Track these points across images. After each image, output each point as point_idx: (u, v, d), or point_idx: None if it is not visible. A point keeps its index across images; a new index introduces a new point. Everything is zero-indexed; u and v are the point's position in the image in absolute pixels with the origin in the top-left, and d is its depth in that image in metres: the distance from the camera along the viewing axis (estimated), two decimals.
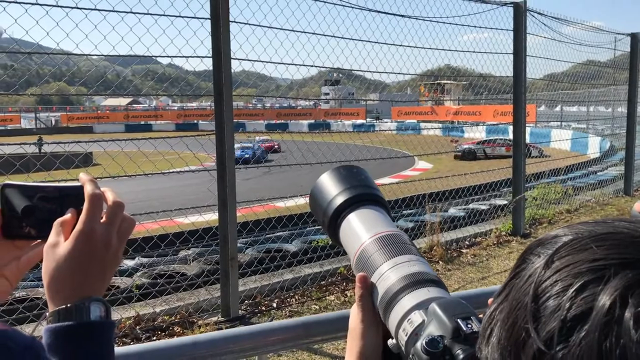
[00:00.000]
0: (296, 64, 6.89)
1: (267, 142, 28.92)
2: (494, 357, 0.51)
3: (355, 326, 0.86)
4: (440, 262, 7.69)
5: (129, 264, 7.67)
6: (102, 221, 0.83)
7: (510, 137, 9.49)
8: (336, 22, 7.41)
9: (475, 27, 8.88)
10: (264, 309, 6.09)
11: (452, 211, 10.65)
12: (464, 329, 0.69)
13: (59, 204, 0.85)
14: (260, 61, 6.43)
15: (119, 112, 75.91)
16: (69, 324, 0.76)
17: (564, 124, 27.22)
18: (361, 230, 0.91)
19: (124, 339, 5.23)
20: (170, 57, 6.03)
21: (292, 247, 8.23)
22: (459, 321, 0.70)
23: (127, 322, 5.50)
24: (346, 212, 0.94)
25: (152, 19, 5.59)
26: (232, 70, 5.55)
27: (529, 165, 10.20)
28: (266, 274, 6.85)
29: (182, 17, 5.68)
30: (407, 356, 0.74)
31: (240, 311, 5.79)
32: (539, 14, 9.69)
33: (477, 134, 32.26)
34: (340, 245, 0.96)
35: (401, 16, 7.95)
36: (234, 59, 5.55)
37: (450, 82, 38.09)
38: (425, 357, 0.68)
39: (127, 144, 6.44)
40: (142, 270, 7.36)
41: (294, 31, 6.73)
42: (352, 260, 0.91)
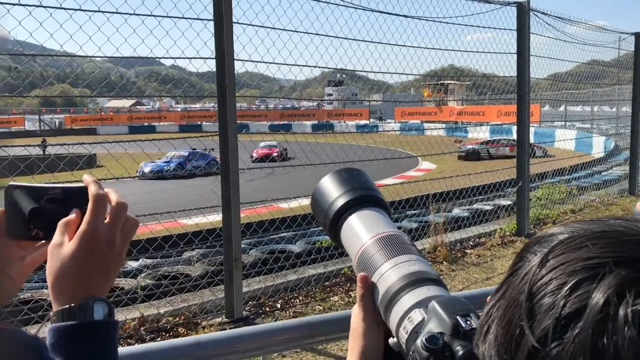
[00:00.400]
0: (299, 65, 6.90)
1: (270, 147, 28.56)
2: (491, 353, 0.52)
3: (356, 326, 0.87)
4: (444, 263, 7.67)
5: (133, 265, 7.68)
6: (106, 221, 0.83)
7: (514, 137, 9.47)
8: (339, 22, 7.40)
9: (478, 27, 8.87)
10: (268, 309, 6.09)
11: (456, 211, 10.63)
12: (463, 325, 0.70)
13: (63, 204, 0.85)
14: (263, 62, 6.44)
15: (122, 114, 76.04)
16: (73, 323, 0.77)
17: (568, 123, 27.16)
18: (362, 231, 0.92)
19: (129, 340, 5.23)
20: (173, 58, 6.05)
21: (295, 247, 8.23)
22: (459, 318, 0.71)
23: (132, 323, 5.51)
24: (347, 213, 0.95)
25: (155, 20, 5.61)
26: (235, 71, 5.56)
27: (533, 165, 10.18)
28: (270, 275, 6.85)
29: (185, 18, 5.70)
30: (408, 354, 0.74)
31: (244, 312, 5.79)
32: (543, 13, 9.67)
33: (481, 134, 32.22)
34: (341, 246, 0.97)
35: (404, 16, 7.96)
36: (237, 60, 5.56)
37: (453, 82, 38.07)
38: (425, 353, 0.69)
39: (130, 145, 6.45)
40: (146, 271, 7.37)
41: (296, 32, 6.74)
42: (354, 261, 0.92)
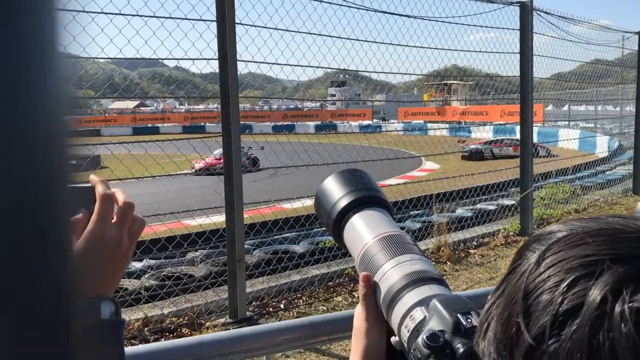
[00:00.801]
0: (302, 65, 6.91)
1: (219, 157, 27.40)
2: (490, 350, 0.52)
3: (359, 325, 0.88)
4: (448, 263, 7.67)
5: (137, 265, 7.69)
6: (113, 221, 0.84)
7: (517, 137, 9.45)
8: (342, 23, 7.41)
9: (481, 26, 8.87)
10: (271, 310, 6.10)
11: (460, 211, 10.61)
12: (464, 323, 0.70)
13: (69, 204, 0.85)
14: (266, 63, 6.45)
15: (126, 115, 76.15)
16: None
17: (571, 123, 27.09)
18: (364, 231, 0.92)
19: (132, 341, 5.24)
20: (176, 59, 6.07)
21: (299, 248, 8.23)
22: (459, 316, 0.71)
23: (136, 324, 5.52)
24: (350, 214, 0.96)
25: (158, 21, 5.62)
26: (238, 72, 5.56)
27: (537, 165, 10.16)
28: (273, 275, 6.86)
29: (188, 19, 5.70)
30: (409, 352, 0.75)
31: (247, 312, 5.80)
32: (546, 13, 9.66)
33: (485, 134, 32.16)
34: (344, 246, 0.98)
35: (407, 16, 7.96)
36: (240, 61, 5.56)
37: (457, 82, 38.02)
38: (426, 351, 0.69)
39: (134, 146, 6.46)
40: (150, 272, 7.38)
41: (299, 32, 6.75)
42: (356, 260, 0.93)
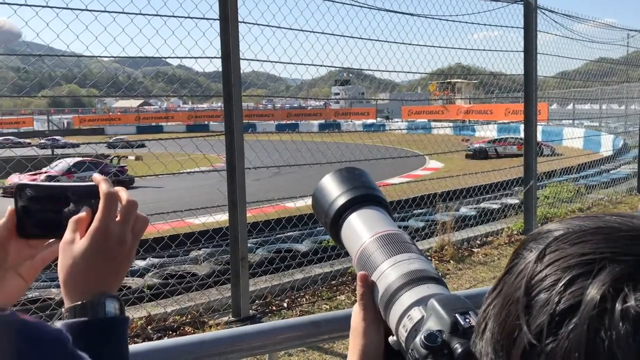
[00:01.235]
0: (305, 64, 6.89)
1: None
2: (487, 351, 0.52)
3: (357, 325, 0.87)
4: (451, 262, 7.66)
5: (140, 264, 7.70)
6: (117, 220, 0.84)
7: (521, 135, 9.43)
8: (345, 21, 7.40)
9: (485, 25, 8.85)
10: (274, 308, 6.10)
11: (463, 210, 10.60)
12: (462, 323, 0.70)
13: (73, 203, 0.86)
14: (269, 61, 6.44)
15: (130, 114, 76.30)
16: (85, 320, 0.78)
17: (576, 122, 26.99)
18: (362, 230, 0.92)
19: (136, 339, 5.25)
20: (179, 58, 6.06)
21: (302, 247, 8.23)
22: (457, 316, 0.70)
23: (139, 322, 5.53)
24: (347, 212, 0.95)
25: (161, 20, 5.62)
26: (241, 70, 5.56)
27: (541, 163, 10.14)
28: (277, 274, 6.86)
29: (191, 18, 5.71)
30: (407, 352, 0.74)
31: (251, 311, 5.80)
32: (550, 11, 9.63)
33: (489, 132, 32.11)
34: (341, 245, 0.97)
35: (410, 15, 7.94)
36: (243, 59, 5.56)
37: (461, 80, 37.95)
38: (424, 351, 0.69)
39: (137, 145, 6.47)
40: (153, 270, 7.39)
41: (302, 31, 6.73)
42: (354, 259, 0.92)
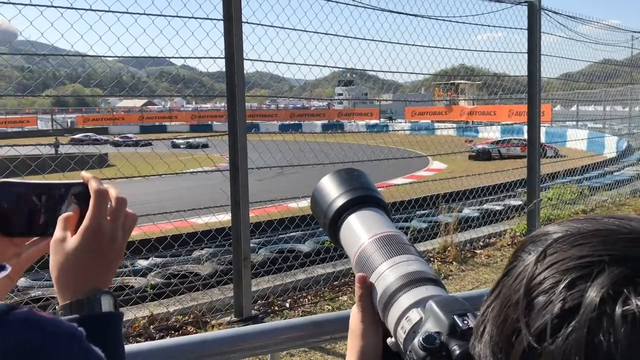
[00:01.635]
0: (309, 64, 6.90)
1: None
2: (486, 353, 0.52)
3: (355, 326, 0.88)
4: (454, 263, 7.65)
5: (143, 263, 7.72)
6: (108, 217, 0.84)
7: (525, 137, 9.41)
8: (349, 22, 7.42)
9: (489, 26, 8.84)
10: (276, 309, 6.10)
11: (466, 211, 10.59)
12: (461, 325, 0.70)
13: (60, 201, 0.86)
14: (272, 62, 6.45)
15: (134, 114, 76.47)
16: (83, 316, 0.78)
17: (580, 123, 26.96)
18: (360, 231, 0.92)
19: (138, 339, 5.26)
20: (183, 58, 6.07)
21: (304, 247, 8.23)
22: (456, 317, 0.71)
23: (141, 322, 5.54)
24: (346, 213, 0.95)
25: (165, 20, 5.63)
26: (245, 70, 5.56)
27: (544, 165, 10.12)
28: (279, 274, 6.86)
29: (195, 18, 5.72)
30: (406, 353, 0.74)
31: (253, 311, 5.80)
32: (554, 12, 9.61)
33: (492, 134, 32.05)
34: (340, 246, 0.97)
35: (414, 15, 7.94)
36: (246, 59, 5.56)
37: (464, 81, 37.91)
38: (422, 353, 0.69)
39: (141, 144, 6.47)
40: (155, 270, 7.40)
41: (306, 31, 6.74)
42: (352, 261, 0.92)
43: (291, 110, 61.98)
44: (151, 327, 5.48)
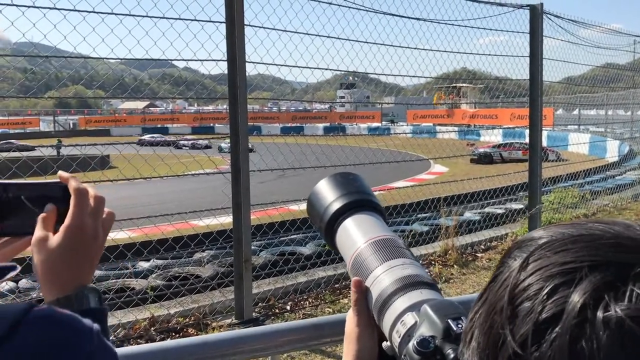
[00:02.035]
0: (311, 67, 6.90)
1: None
2: None
3: (350, 330, 0.88)
4: (455, 266, 7.64)
5: (144, 265, 7.72)
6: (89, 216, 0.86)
7: (527, 140, 9.41)
8: (350, 25, 7.41)
9: (491, 29, 8.83)
10: (277, 311, 6.10)
11: (468, 215, 10.58)
12: (455, 329, 0.70)
13: (35, 200, 0.87)
14: (274, 64, 6.46)
15: (136, 115, 76.59)
16: (72, 311, 0.79)
17: (581, 127, 26.92)
18: (356, 235, 0.92)
19: (139, 340, 5.26)
20: (185, 60, 6.08)
21: (306, 250, 8.23)
22: (450, 321, 0.71)
23: (142, 324, 5.54)
24: (342, 217, 0.96)
25: (167, 22, 5.64)
26: (247, 73, 5.57)
27: (546, 169, 10.10)
28: (280, 277, 6.86)
29: (198, 20, 5.72)
30: (401, 357, 0.74)
31: (253, 314, 5.80)
32: (556, 16, 9.61)
33: (494, 137, 32.03)
34: (336, 250, 0.98)
35: (416, 19, 7.94)
36: (248, 62, 5.57)
37: (466, 85, 37.90)
38: (416, 357, 0.69)
39: (143, 146, 6.49)
40: (157, 272, 7.41)
41: (308, 34, 6.75)
42: (348, 264, 0.92)
43: (293, 112, 62.05)
44: (152, 329, 5.48)
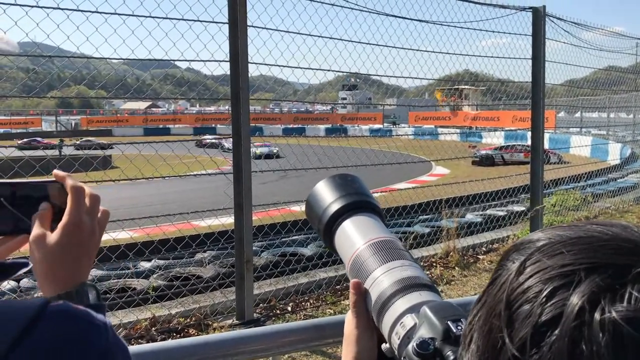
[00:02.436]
0: (313, 69, 6.90)
1: None
2: None
3: (349, 332, 0.88)
4: (456, 268, 7.63)
5: (146, 265, 7.73)
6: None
7: (528, 143, 9.40)
8: (353, 26, 7.42)
9: (494, 32, 8.84)
10: (278, 312, 6.10)
11: (469, 217, 10.57)
12: (454, 330, 0.70)
13: (30, 199, 0.87)
14: (277, 65, 6.47)
15: (138, 116, 76.66)
16: None
17: (583, 130, 26.89)
18: (355, 236, 0.92)
19: (140, 340, 5.26)
20: (188, 61, 6.08)
21: (307, 251, 8.23)
22: (450, 323, 0.71)
23: (143, 324, 5.54)
24: (341, 219, 0.96)
25: (170, 23, 5.64)
26: (249, 74, 5.58)
27: (548, 171, 10.10)
28: (281, 278, 6.86)
29: (201, 21, 5.73)
30: (400, 359, 0.74)
31: (255, 314, 5.80)
32: (558, 19, 9.61)
33: (496, 139, 32.03)
34: (335, 252, 0.97)
35: (419, 21, 7.94)
36: (251, 63, 5.58)
37: (468, 87, 37.89)
38: (416, 359, 0.69)
39: (145, 147, 6.50)
40: (158, 272, 7.41)
41: (310, 35, 6.75)
42: (347, 266, 0.92)
43: (295, 113, 62.05)
44: (153, 329, 5.49)
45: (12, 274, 0.83)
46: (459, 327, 0.70)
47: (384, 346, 0.82)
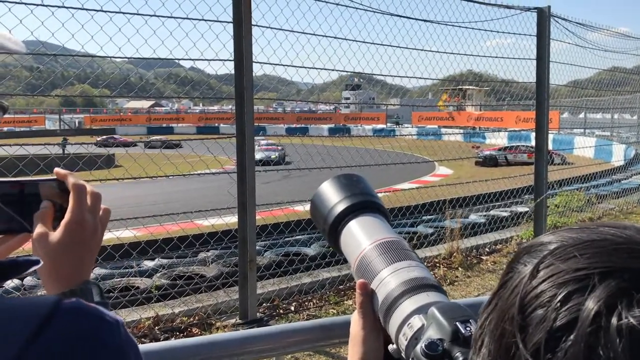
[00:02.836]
0: (317, 68, 6.90)
1: None
2: None
3: (356, 333, 0.87)
4: (459, 269, 7.62)
5: (149, 264, 7.73)
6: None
7: (532, 143, 9.38)
8: (357, 26, 7.45)
9: (498, 32, 8.82)
10: (281, 312, 6.10)
11: (473, 217, 10.56)
12: (463, 332, 0.70)
13: (31, 198, 0.87)
14: (281, 65, 6.46)
15: (141, 115, 76.74)
16: None
17: (587, 131, 26.84)
18: (361, 237, 0.92)
19: (143, 339, 5.27)
20: (192, 60, 6.08)
21: (310, 250, 8.23)
22: (458, 324, 0.70)
23: (147, 323, 5.54)
24: (346, 219, 0.95)
25: (175, 22, 5.65)
26: (253, 73, 5.57)
27: (551, 172, 10.08)
28: (284, 277, 6.86)
29: (205, 20, 5.73)
30: None
31: (258, 314, 5.80)
32: (563, 19, 9.59)
33: (499, 140, 31.98)
34: (340, 252, 0.97)
35: (423, 21, 7.93)
36: (255, 62, 5.57)
37: (472, 87, 37.84)
38: None
39: (148, 145, 6.50)
40: (161, 271, 7.41)
41: (315, 35, 6.75)
42: (353, 267, 0.92)
43: (298, 113, 62.08)
44: (156, 328, 5.49)
45: (23, 270, 0.83)
46: (468, 328, 0.70)
47: (391, 347, 0.82)
